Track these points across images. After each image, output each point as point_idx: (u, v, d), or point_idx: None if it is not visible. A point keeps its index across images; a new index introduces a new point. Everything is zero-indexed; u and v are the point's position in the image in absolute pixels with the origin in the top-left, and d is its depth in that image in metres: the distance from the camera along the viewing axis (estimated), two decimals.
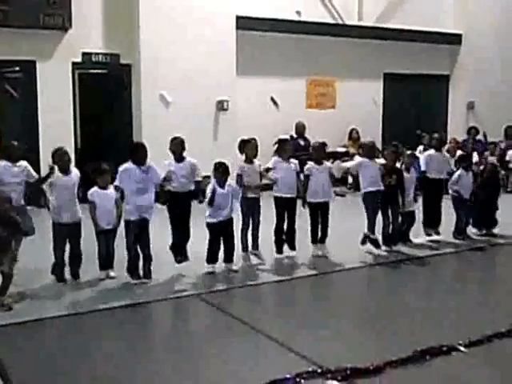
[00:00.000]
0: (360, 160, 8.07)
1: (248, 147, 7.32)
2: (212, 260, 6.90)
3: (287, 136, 10.38)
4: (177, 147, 6.94)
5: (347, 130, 13.78)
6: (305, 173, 7.52)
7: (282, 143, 7.64)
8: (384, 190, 7.70)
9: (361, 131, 13.74)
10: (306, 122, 13.00)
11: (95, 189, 6.64)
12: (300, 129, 12.95)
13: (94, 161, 7.03)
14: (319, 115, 13.65)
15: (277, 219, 7.44)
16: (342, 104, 13.94)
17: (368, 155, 7.91)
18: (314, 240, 7.63)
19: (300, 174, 7.53)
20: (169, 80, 11.28)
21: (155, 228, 6.79)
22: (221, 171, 6.81)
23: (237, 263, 7.08)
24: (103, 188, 6.63)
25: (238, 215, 7.22)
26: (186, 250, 7.01)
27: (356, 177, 8.91)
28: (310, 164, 7.57)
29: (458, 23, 15.09)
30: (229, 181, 6.91)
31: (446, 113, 15.75)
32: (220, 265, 6.97)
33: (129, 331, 5.34)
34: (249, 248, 7.35)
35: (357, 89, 14.00)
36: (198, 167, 7.01)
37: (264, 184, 7.42)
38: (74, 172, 6.71)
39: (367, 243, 7.78)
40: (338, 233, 7.98)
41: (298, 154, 11.51)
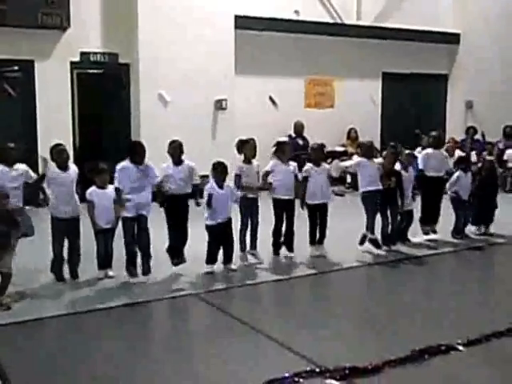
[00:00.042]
0: (358, 160, 8.08)
1: (247, 147, 7.30)
2: (211, 261, 6.90)
3: (286, 138, 10.37)
4: (175, 150, 6.87)
5: (346, 130, 13.79)
6: (303, 174, 7.51)
7: (281, 145, 7.61)
8: (383, 192, 7.70)
9: (359, 130, 13.75)
10: (305, 122, 13.03)
11: (93, 188, 6.64)
12: (298, 128, 12.97)
13: (93, 160, 7.01)
14: (318, 115, 13.65)
15: (275, 221, 7.43)
16: (341, 103, 13.95)
17: (366, 155, 7.91)
18: (313, 241, 7.63)
19: (298, 175, 7.50)
20: (167, 79, 11.27)
21: (154, 227, 6.78)
22: (219, 171, 6.79)
23: (235, 263, 7.08)
24: (101, 187, 6.63)
25: (237, 215, 7.21)
26: (183, 253, 6.98)
27: (355, 176, 8.90)
28: (309, 165, 7.57)
29: (457, 23, 15.10)
30: (227, 181, 6.90)
31: (445, 112, 15.78)
32: (219, 265, 6.97)
33: (128, 331, 5.34)
34: (247, 248, 7.34)
35: (355, 88, 14.01)
36: (196, 170, 6.94)
37: (263, 186, 7.41)
38: (73, 168, 6.70)
39: (365, 243, 7.78)
40: (337, 232, 7.99)
41: (297, 154, 11.56)
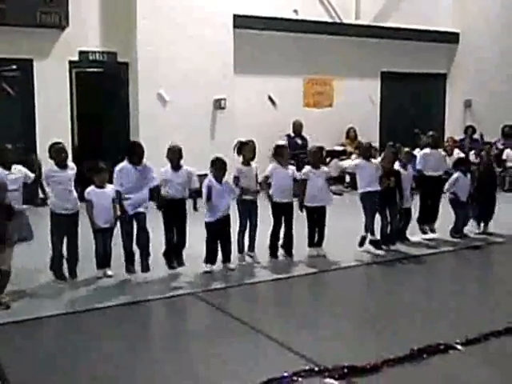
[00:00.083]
0: (357, 161, 8.09)
1: (246, 149, 7.26)
2: (210, 261, 6.91)
3: (284, 141, 10.35)
4: (174, 155, 6.80)
5: (345, 129, 13.79)
6: (302, 177, 7.51)
7: (279, 149, 7.59)
8: (382, 191, 7.70)
9: (358, 130, 13.75)
10: (304, 121, 13.02)
11: (92, 188, 6.64)
12: (297, 127, 12.96)
13: (91, 159, 7.01)
14: (317, 114, 13.65)
15: (274, 223, 7.42)
16: (340, 103, 13.94)
17: (364, 156, 7.93)
18: (311, 243, 7.63)
19: (297, 176, 7.48)
20: (166, 78, 11.26)
21: (154, 226, 6.78)
22: (218, 166, 6.81)
23: (233, 262, 7.08)
24: (100, 187, 6.63)
25: (235, 214, 7.21)
26: (182, 256, 6.94)
27: (353, 175, 8.91)
28: (308, 168, 7.57)
29: (456, 22, 15.10)
30: (226, 177, 6.90)
31: (444, 112, 15.78)
32: (218, 263, 6.97)
33: (127, 330, 5.33)
34: (245, 250, 7.34)
35: (354, 87, 14.00)
36: (195, 176, 6.90)
37: (262, 189, 7.42)
38: (71, 166, 6.71)
39: (365, 245, 7.78)
40: (336, 231, 7.98)
41: (296, 153, 11.59)
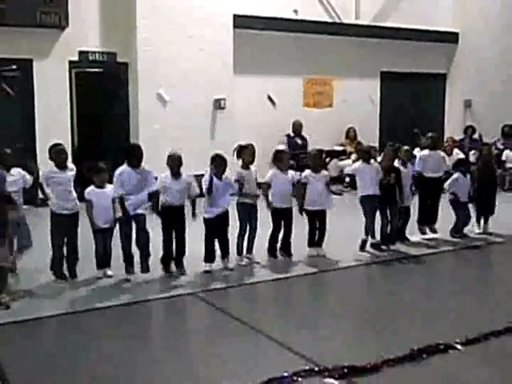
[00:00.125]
0: (357, 165, 8.07)
1: (245, 153, 7.26)
2: (209, 259, 6.93)
3: (284, 146, 10.35)
4: (174, 163, 6.79)
5: (344, 129, 13.79)
6: (302, 180, 7.53)
7: (279, 154, 7.59)
8: (383, 189, 7.70)
9: (358, 130, 13.76)
10: (304, 121, 13.02)
11: (92, 188, 6.64)
12: (297, 127, 12.97)
13: (91, 159, 7.01)
14: (316, 114, 13.65)
15: (273, 228, 7.45)
16: (339, 102, 13.95)
17: (364, 159, 7.93)
18: (311, 244, 7.64)
19: (298, 177, 7.50)
20: (166, 78, 11.26)
21: (154, 227, 6.77)
22: (218, 163, 6.83)
23: (232, 263, 7.09)
24: (100, 187, 6.63)
25: (235, 216, 7.22)
26: (183, 264, 6.88)
27: (353, 176, 8.90)
28: (308, 172, 7.58)
29: (456, 22, 15.10)
30: (227, 172, 6.93)
31: (443, 111, 15.78)
32: (217, 263, 6.98)
33: (127, 330, 5.33)
34: (243, 253, 7.34)
35: (354, 87, 14.00)
36: (194, 184, 6.90)
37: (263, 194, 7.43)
38: (70, 167, 6.70)
39: (366, 248, 7.78)
40: (335, 231, 7.97)
41: (296, 153, 11.59)
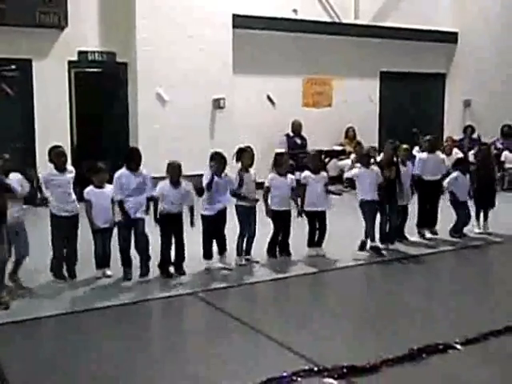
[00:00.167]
0: (356, 171, 8.03)
1: (244, 156, 7.26)
2: (208, 256, 6.96)
3: (283, 149, 10.35)
4: (174, 171, 6.80)
5: (344, 129, 13.79)
6: (301, 181, 7.55)
7: (279, 157, 7.64)
8: (383, 185, 7.71)
9: (357, 129, 13.76)
10: (303, 121, 13.01)
11: (91, 188, 6.63)
12: (296, 127, 12.96)
13: (91, 159, 7.01)
14: (316, 114, 13.65)
15: (274, 231, 7.48)
16: (339, 102, 13.95)
17: (362, 163, 7.93)
18: (311, 244, 7.64)
19: (294, 183, 7.50)
20: (166, 78, 11.27)
21: (153, 228, 6.76)
22: (218, 160, 6.85)
23: (230, 263, 7.10)
24: (99, 187, 6.63)
25: (235, 217, 7.22)
26: (183, 267, 6.86)
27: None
28: (307, 173, 7.59)
29: (455, 22, 15.10)
30: (227, 169, 6.94)
31: (443, 111, 15.78)
32: (217, 263, 7.01)
33: (127, 330, 5.33)
34: (243, 254, 7.34)
35: (354, 87, 14.00)
36: (192, 193, 6.93)
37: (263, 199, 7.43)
38: (69, 170, 6.69)
39: (365, 249, 7.77)
40: (335, 231, 7.97)
41: (295, 153, 11.60)
